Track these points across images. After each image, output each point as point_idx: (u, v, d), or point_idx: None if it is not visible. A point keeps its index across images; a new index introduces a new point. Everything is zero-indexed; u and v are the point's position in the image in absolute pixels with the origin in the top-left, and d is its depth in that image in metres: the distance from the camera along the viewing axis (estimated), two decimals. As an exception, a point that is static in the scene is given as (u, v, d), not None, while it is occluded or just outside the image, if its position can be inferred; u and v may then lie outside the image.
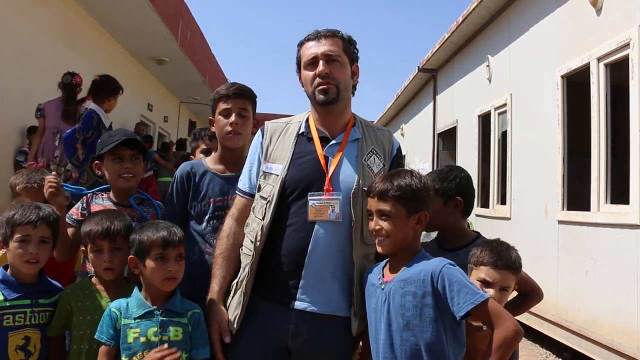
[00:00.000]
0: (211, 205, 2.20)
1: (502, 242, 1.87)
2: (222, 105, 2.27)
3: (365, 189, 1.76)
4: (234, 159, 2.30)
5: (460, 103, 8.10)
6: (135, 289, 1.85)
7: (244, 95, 2.29)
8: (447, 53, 8.38)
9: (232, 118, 2.23)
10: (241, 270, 1.87)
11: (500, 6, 6.32)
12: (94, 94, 4.67)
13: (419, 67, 9.42)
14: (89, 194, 2.26)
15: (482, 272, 1.78)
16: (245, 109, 2.28)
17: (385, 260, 1.76)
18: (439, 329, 1.54)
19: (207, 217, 2.20)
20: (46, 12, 6.26)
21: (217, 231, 2.14)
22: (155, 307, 1.80)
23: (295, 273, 1.78)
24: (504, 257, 1.80)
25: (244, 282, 1.82)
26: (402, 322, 1.57)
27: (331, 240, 1.79)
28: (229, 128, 2.23)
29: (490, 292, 1.72)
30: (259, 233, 1.81)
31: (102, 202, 2.23)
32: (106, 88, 4.70)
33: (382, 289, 1.65)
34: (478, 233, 2.12)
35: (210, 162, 2.32)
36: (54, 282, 1.98)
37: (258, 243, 1.80)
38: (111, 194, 2.27)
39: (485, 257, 1.80)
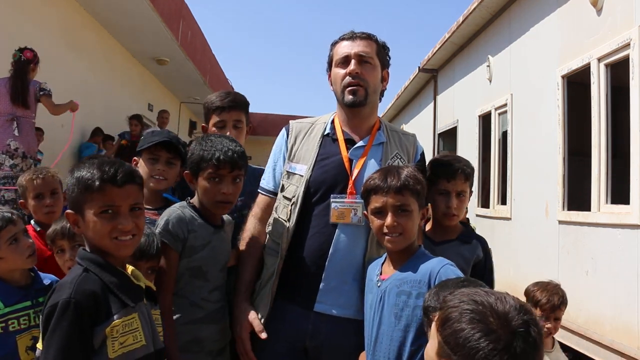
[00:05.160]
0: None
1: None
2: (216, 118, 2.26)
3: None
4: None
5: (460, 103, 8.09)
6: None
7: (238, 107, 2.28)
8: (448, 53, 8.38)
9: (228, 132, 2.21)
10: (265, 270, 1.87)
11: (501, 6, 6.31)
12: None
13: (419, 67, 9.41)
14: None
15: None
16: (239, 121, 2.28)
17: (384, 256, 1.73)
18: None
19: None
20: (47, 12, 6.27)
21: None
22: None
23: (316, 275, 1.78)
24: None
25: (270, 283, 1.82)
26: (394, 321, 1.56)
27: (352, 243, 1.78)
28: None
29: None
30: (285, 235, 1.80)
31: None
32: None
33: (378, 287, 1.64)
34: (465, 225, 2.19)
35: None
36: (46, 276, 1.95)
37: (284, 245, 1.80)
38: None
39: None
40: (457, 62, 8.24)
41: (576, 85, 4.84)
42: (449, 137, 8.80)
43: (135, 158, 2.24)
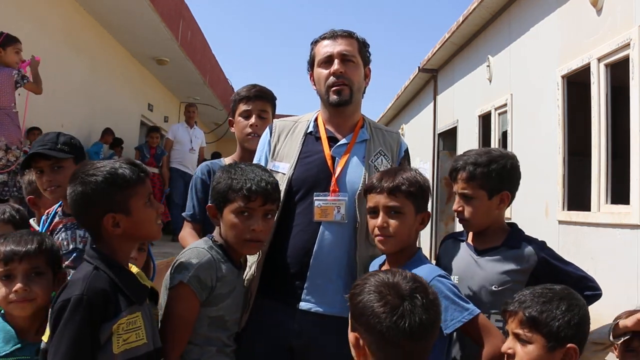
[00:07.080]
0: None
1: None
2: (243, 107, 2.30)
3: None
4: (252, 160, 2.33)
5: (460, 103, 8.09)
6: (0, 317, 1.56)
7: (264, 97, 2.33)
8: (448, 53, 8.38)
9: (252, 120, 2.27)
10: (247, 268, 1.86)
11: (501, 6, 6.31)
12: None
13: (419, 67, 9.41)
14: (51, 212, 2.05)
15: None
16: (265, 111, 2.32)
17: (383, 259, 1.73)
18: None
19: None
20: (47, 12, 6.26)
21: None
22: (26, 340, 1.51)
23: (301, 274, 1.78)
24: None
25: (251, 282, 1.82)
26: None
27: (336, 241, 1.78)
28: (249, 130, 2.27)
29: None
30: None
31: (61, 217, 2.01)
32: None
33: None
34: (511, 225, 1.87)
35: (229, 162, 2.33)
36: None
37: (266, 242, 1.79)
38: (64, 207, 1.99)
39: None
40: (457, 62, 8.24)
41: (576, 85, 4.84)
42: (449, 137, 8.80)
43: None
